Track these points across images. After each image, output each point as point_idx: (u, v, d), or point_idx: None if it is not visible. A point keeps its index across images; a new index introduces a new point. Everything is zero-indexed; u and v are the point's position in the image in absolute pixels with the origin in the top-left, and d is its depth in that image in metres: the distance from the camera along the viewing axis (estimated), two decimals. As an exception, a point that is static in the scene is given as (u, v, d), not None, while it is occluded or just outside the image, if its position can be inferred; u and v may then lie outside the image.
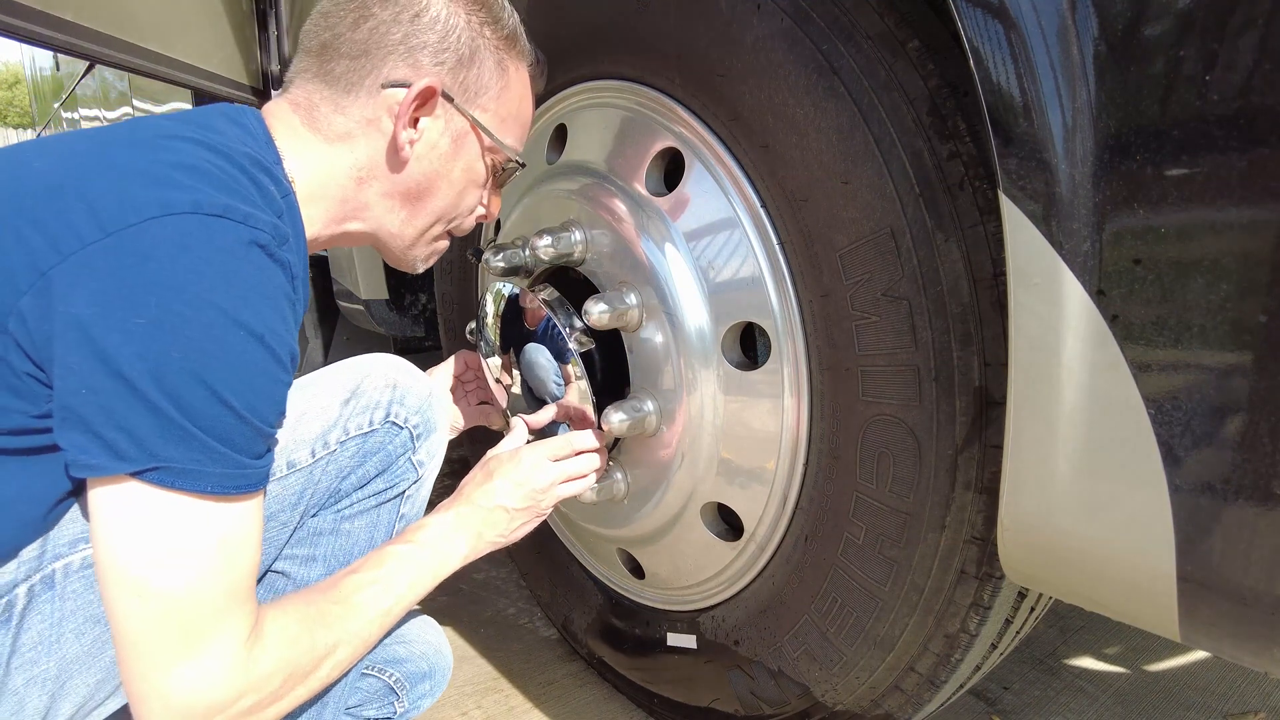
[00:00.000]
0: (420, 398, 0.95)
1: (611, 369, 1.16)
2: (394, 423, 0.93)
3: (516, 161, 0.97)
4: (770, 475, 0.98)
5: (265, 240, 0.71)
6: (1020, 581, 0.77)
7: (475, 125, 0.91)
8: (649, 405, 1.05)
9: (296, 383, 0.94)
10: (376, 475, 0.93)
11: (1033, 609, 0.96)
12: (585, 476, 1.05)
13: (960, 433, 0.80)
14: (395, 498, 0.95)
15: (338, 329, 2.24)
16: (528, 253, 1.14)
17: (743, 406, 0.98)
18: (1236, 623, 0.61)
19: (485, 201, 0.99)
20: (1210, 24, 0.54)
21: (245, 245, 0.69)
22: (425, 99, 0.86)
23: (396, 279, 1.80)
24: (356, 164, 0.88)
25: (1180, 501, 0.60)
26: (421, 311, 1.87)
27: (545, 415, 1.12)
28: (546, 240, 1.09)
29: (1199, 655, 1.50)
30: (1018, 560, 0.74)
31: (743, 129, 0.92)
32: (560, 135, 1.20)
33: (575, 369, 1.06)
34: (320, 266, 2.10)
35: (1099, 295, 0.61)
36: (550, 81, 1.18)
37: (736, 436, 1.00)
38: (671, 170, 1.05)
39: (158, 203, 0.67)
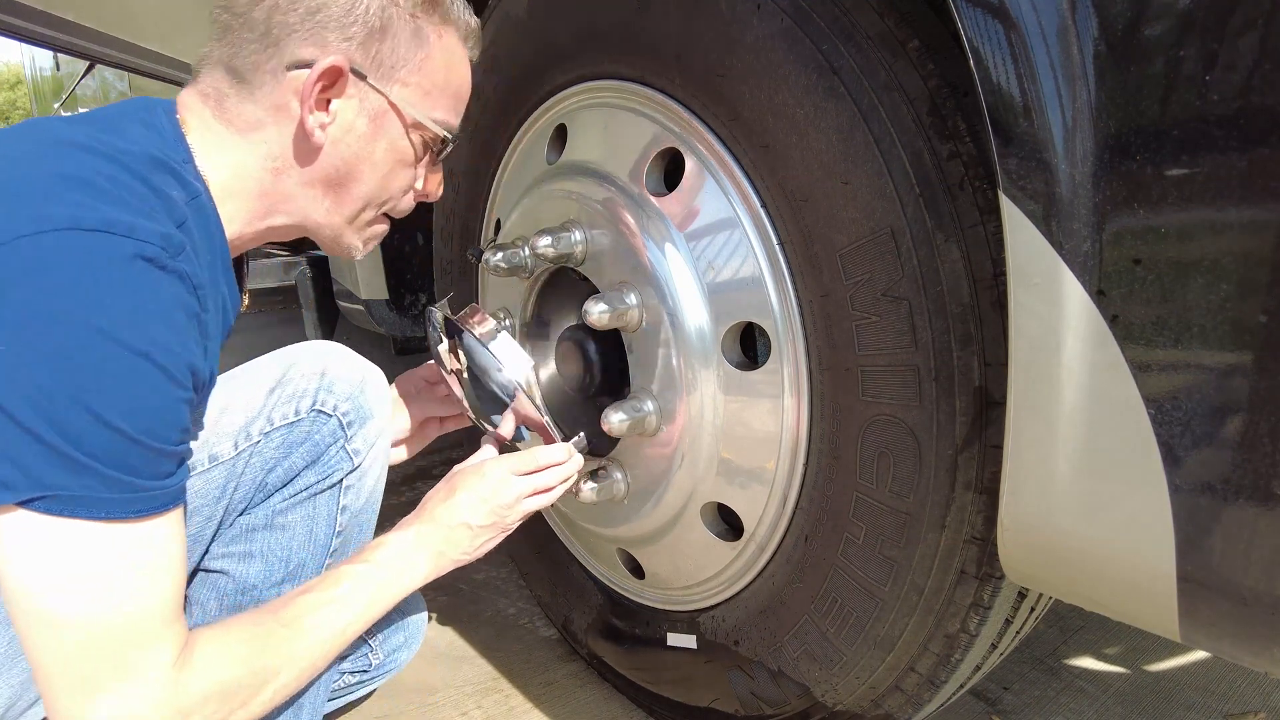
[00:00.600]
0: (351, 384, 0.92)
1: (611, 369, 1.16)
2: (321, 411, 0.89)
3: (447, 136, 0.91)
4: (770, 475, 0.98)
5: (152, 253, 0.67)
6: (1020, 581, 0.77)
7: (392, 103, 0.85)
8: (649, 405, 1.05)
9: (227, 374, 0.91)
10: (306, 467, 0.90)
11: (1033, 609, 0.96)
12: (552, 490, 1.00)
13: (960, 433, 0.80)
14: (331, 488, 0.92)
15: (338, 329, 2.24)
16: (528, 252, 1.14)
17: (743, 406, 0.98)
18: (1236, 623, 0.61)
19: (421, 180, 0.94)
20: (1210, 24, 0.54)
21: (127, 260, 0.66)
22: (333, 79, 0.80)
23: (396, 279, 1.80)
24: (270, 154, 0.83)
25: (1180, 501, 0.60)
26: (421, 312, 1.87)
27: (508, 427, 1.07)
28: (546, 240, 1.09)
29: (1199, 655, 1.49)
30: (1018, 560, 0.74)
31: (743, 129, 0.92)
32: (560, 135, 1.20)
33: (524, 396, 1.01)
34: (320, 266, 2.10)
35: (1099, 295, 0.61)
36: (550, 81, 1.18)
37: (736, 436, 1.00)
38: (671, 170, 1.05)
39: (33, 219, 0.64)
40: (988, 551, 0.82)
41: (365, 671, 1.07)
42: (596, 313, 1.01)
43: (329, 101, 0.82)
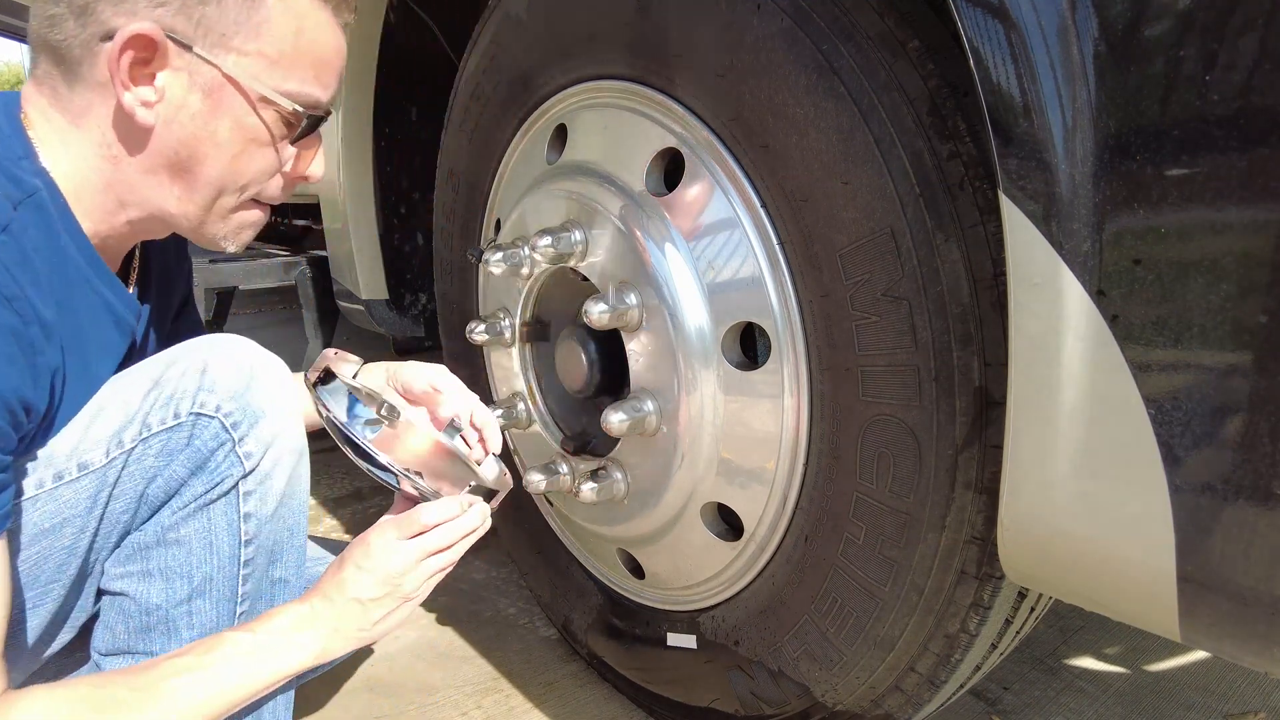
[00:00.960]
0: (237, 380, 0.84)
1: (611, 369, 1.16)
2: (201, 414, 0.82)
3: (300, 110, 0.81)
4: (770, 475, 0.98)
5: None
6: (1020, 581, 0.77)
7: (228, 75, 0.75)
8: (649, 405, 1.05)
9: (114, 376, 0.86)
10: (191, 475, 0.84)
11: (1033, 609, 0.96)
12: (453, 547, 0.90)
13: (960, 433, 0.80)
14: (225, 496, 0.85)
15: (338, 329, 2.24)
16: (527, 252, 1.14)
17: (743, 406, 0.98)
18: (1236, 623, 0.61)
19: (290, 160, 0.84)
20: (1210, 24, 0.54)
21: None
22: (148, 49, 0.72)
23: (396, 279, 1.80)
24: (104, 141, 0.76)
25: (1180, 501, 0.60)
26: (421, 312, 1.87)
27: (409, 489, 0.95)
28: (546, 240, 1.09)
29: (1199, 655, 1.49)
30: (1018, 560, 0.74)
31: (743, 129, 0.92)
32: (560, 135, 1.20)
33: (405, 479, 0.91)
34: (320, 266, 2.10)
35: (1099, 295, 0.61)
36: (550, 81, 1.18)
37: (736, 436, 1.00)
38: (671, 170, 1.05)
39: None
40: (988, 551, 0.82)
41: None
42: (596, 313, 1.01)
43: (153, 76, 0.74)
